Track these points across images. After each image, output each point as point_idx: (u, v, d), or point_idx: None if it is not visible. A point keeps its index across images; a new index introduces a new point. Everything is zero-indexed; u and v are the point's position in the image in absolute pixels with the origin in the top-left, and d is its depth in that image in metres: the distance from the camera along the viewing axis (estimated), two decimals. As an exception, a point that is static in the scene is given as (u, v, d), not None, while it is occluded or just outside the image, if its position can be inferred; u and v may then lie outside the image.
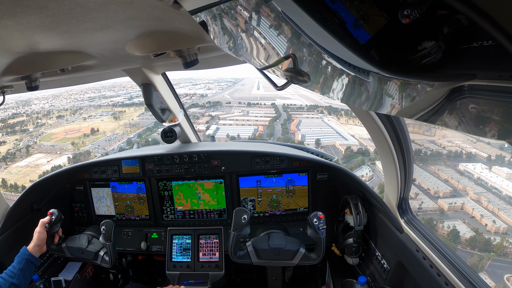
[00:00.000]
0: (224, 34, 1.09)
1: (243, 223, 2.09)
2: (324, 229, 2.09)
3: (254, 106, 38.28)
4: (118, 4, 0.86)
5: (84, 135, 33.66)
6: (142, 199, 2.86)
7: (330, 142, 27.84)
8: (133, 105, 39.47)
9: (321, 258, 2.15)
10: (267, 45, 0.91)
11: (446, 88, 0.65)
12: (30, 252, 2.13)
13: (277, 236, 2.25)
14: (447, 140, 20.96)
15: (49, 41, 1.16)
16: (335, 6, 0.58)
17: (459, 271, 1.68)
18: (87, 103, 42.51)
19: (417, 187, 17.54)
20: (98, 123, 36.62)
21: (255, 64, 1.04)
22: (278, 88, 0.89)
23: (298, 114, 34.97)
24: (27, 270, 2.07)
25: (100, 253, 2.39)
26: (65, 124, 36.66)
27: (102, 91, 44.47)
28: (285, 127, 31.50)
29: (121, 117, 37.69)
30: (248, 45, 1.02)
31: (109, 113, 39.05)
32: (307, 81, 0.80)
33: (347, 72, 0.80)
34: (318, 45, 0.73)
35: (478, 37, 0.52)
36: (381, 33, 0.59)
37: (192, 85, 45.56)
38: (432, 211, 16.74)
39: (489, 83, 0.58)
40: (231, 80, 47.82)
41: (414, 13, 0.51)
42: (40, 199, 2.75)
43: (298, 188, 2.73)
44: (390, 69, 0.66)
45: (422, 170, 19.18)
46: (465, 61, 0.57)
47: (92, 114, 39.40)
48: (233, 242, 2.14)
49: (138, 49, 1.38)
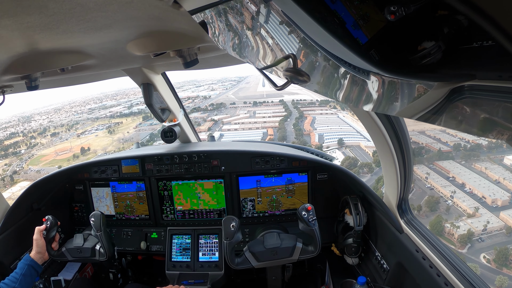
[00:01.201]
0: (224, 34, 1.09)
1: (233, 230, 2.07)
2: (315, 220, 2.06)
3: (261, 105, 35.10)
4: (118, 4, 0.86)
5: (74, 156, 30.67)
6: (142, 199, 2.86)
7: (354, 143, 24.17)
8: (131, 115, 37.76)
9: (319, 249, 2.12)
10: (267, 45, 0.91)
11: (446, 88, 0.65)
12: (33, 259, 2.15)
13: (271, 236, 2.23)
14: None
15: (49, 41, 1.16)
16: (335, 6, 0.58)
17: (458, 272, 1.68)
18: (86, 116, 40.70)
19: (469, 195, 13.92)
20: (92, 139, 34.32)
21: (254, 64, 1.04)
22: (278, 88, 0.89)
23: (310, 110, 31.38)
24: (29, 276, 2.09)
25: (96, 247, 2.38)
26: (58, 143, 33.99)
27: (104, 100, 43.07)
28: (298, 127, 27.60)
29: (116, 130, 35.79)
30: (248, 44, 1.02)
31: (105, 125, 37.18)
32: (307, 81, 0.80)
33: (347, 72, 0.80)
34: (318, 45, 0.73)
35: (478, 37, 0.52)
36: (381, 33, 0.59)
37: (196, 87, 43.71)
38: (498, 230, 12.14)
39: (489, 83, 0.58)
40: (235, 79, 45.65)
41: (400, 10, 0.51)
42: (40, 199, 2.75)
43: (298, 188, 2.73)
44: (390, 69, 0.66)
45: (468, 170, 15.37)
46: (465, 61, 0.57)
47: (88, 128, 37.33)
48: (228, 250, 2.13)
49: (138, 49, 1.38)
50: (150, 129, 33.57)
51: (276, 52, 0.89)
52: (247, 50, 1.06)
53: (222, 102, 36.52)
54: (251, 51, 1.04)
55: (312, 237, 2.12)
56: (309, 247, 2.16)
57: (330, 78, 0.88)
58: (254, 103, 35.42)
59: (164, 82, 2.61)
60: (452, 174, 15.37)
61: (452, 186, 14.75)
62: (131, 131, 34.98)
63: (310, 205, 2.07)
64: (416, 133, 19.15)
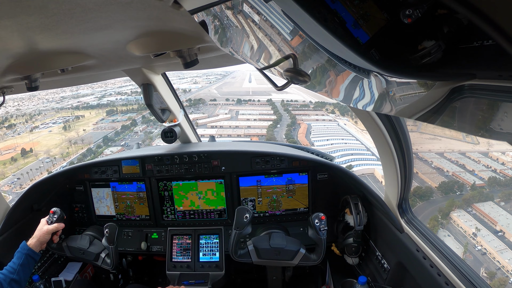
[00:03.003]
0: (224, 34, 1.09)
1: (245, 222, 2.09)
2: (325, 230, 2.09)
3: (245, 104, 29.73)
4: (118, 4, 0.86)
5: (11, 159, 25.35)
6: (142, 200, 2.86)
7: (367, 170, 17.19)
8: (97, 107, 33.55)
9: (321, 259, 2.16)
10: (267, 45, 0.91)
11: (446, 87, 0.65)
12: (30, 247, 2.12)
13: (278, 236, 2.25)
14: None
15: (49, 42, 1.16)
16: (335, 5, 0.58)
17: (459, 271, 1.67)
18: (54, 105, 35.76)
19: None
20: (43, 136, 29.32)
21: (255, 64, 1.04)
22: (278, 88, 0.89)
23: (304, 114, 26.10)
24: (27, 266, 2.06)
25: (102, 254, 2.39)
26: (9, 138, 28.45)
27: (80, 88, 37.02)
28: (291, 137, 22.45)
29: (73, 126, 31.21)
30: (248, 44, 1.02)
31: (65, 119, 32.48)
32: (307, 81, 0.80)
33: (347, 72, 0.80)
34: (318, 45, 0.73)
35: (478, 36, 0.52)
36: (381, 33, 0.59)
37: (179, 79, 37.75)
38: None
39: (489, 82, 0.58)
40: (221, 73, 40.38)
41: (416, 12, 0.51)
42: (40, 200, 2.75)
43: (298, 188, 2.73)
44: (390, 68, 0.66)
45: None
46: (465, 60, 0.57)
47: (46, 121, 32.35)
48: (235, 240, 2.15)
49: (138, 49, 1.38)
50: (110, 128, 29.34)
51: (276, 52, 0.89)
52: (247, 50, 1.06)
53: (201, 98, 31.45)
54: (251, 51, 1.04)
55: (318, 245, 2.13)
56: (312, 255, 2.19)
57: (329, 78, 0.88)
58: (237, 101, 30.49)
59: (164, 82, 2.61)
60: (500, 226, 11.45)
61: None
62: (88, 128, 30.69)
63: (323, 215, 2.09)
64: (436, 156, 16.47)
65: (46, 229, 2.22)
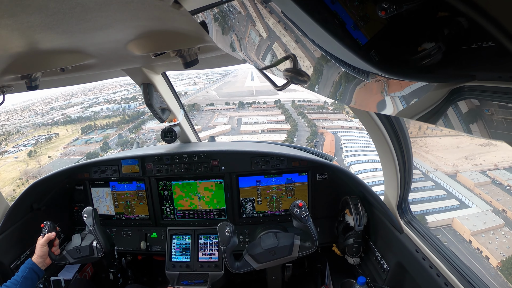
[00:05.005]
0: (224, 34, 1.09)
1: (228, 236, 2.08)
2: (307, 215, 2.06)
3: (249, 108, 23.43)
4: (118, 3, 0.86)
5: None
6: (141, 199, 2.86)
7: (445, 220, 11.71)
8: (78, 121, 28.77)
9: (316, 244, 2.13)
10: (268, 45, 0.91)
11: (446, 89, 0.65)
12: (34, 262, 2.16)
13: (267, 237, 2.24)
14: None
15: (49, 41, 1.16)
16: (335, 7, 0.58)
17: (458, 272, 1.68)
18: (37, 119, 31.80)
19: None
20: (7, 165, 23.88)
21: (255, 64, 1.04)
22: (278, 88, 0.89)
23: (324, 119, 19.41)
24: (29, 279, 2.09)
25: (94, 244, 2.38)
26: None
27: (75, 97, 35.03)
28: None
29: (39, 151, 26.04)
30: (248, 45, 1.02)
31: (40, 139, 27.41)
32: (307, 81, 0.80)
33: (347, 73, 0.80)
34: (318, 46, 0.73)
35: (478, 38, 0.52)
36: (381, 34, 0.59)
37: (178, 80, 33.60)
38: None
39: (489, 84, 0.58)
40: (222, 72, 36.93)
41: (392, 8, 0.50)
42: (40, 199, 2.75)
43: (298, 188, 2.73)
44: (390, 70, 0.66)
45: None
46: (465, 62, 0.58)
47: (19, 142, 27.34)
48: (227, 256, 2.14)
49: (138, 49, 1.38)
50: (79, 153, 23.30)
51: (276, 52, 0.89)
52: (247, 50, 1.06)
53: (195, 103, 25.50)
54: (251, 51, 1.04)
55: (307, 232, 2.11)
56: (307, 243, 2.17)
57: (330, 78, 0.88)
58: (239, 105, 24.27)
59: (164, 82, 2.62)
60: None
61: None
62: (56, 154, 24.66)
63: (301, 201, 2.06)
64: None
65: (39, 242, 2.24)
